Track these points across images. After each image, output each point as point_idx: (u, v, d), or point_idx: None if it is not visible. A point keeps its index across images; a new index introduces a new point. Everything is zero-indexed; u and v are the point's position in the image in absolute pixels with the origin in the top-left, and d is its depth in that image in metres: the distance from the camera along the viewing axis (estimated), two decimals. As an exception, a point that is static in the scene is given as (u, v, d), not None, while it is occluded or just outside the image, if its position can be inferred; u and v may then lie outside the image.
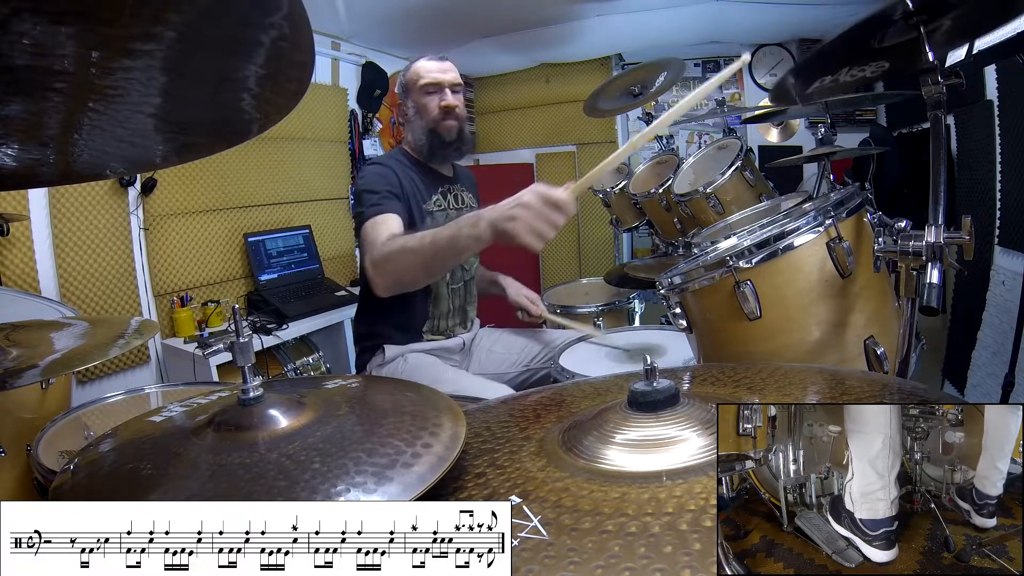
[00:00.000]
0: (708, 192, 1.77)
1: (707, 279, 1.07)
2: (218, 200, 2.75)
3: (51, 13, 0.40)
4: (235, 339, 0.65)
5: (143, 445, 0.64)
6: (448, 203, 1.71)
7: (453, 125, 1.64)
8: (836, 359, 1.04)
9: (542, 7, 3.20)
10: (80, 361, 1.03)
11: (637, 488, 0.50)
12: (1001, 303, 2.04)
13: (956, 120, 2.39)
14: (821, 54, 0.99)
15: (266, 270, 2.83)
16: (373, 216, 1.46)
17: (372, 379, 1.25)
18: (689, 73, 4.00)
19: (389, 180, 1.56)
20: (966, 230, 0.89)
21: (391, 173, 1.59)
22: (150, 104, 0.55)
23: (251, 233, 2.82)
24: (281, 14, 0.48)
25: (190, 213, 2.64)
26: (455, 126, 1.64)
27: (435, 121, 1.63)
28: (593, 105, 2.51)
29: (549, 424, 0.69)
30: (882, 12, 0.88)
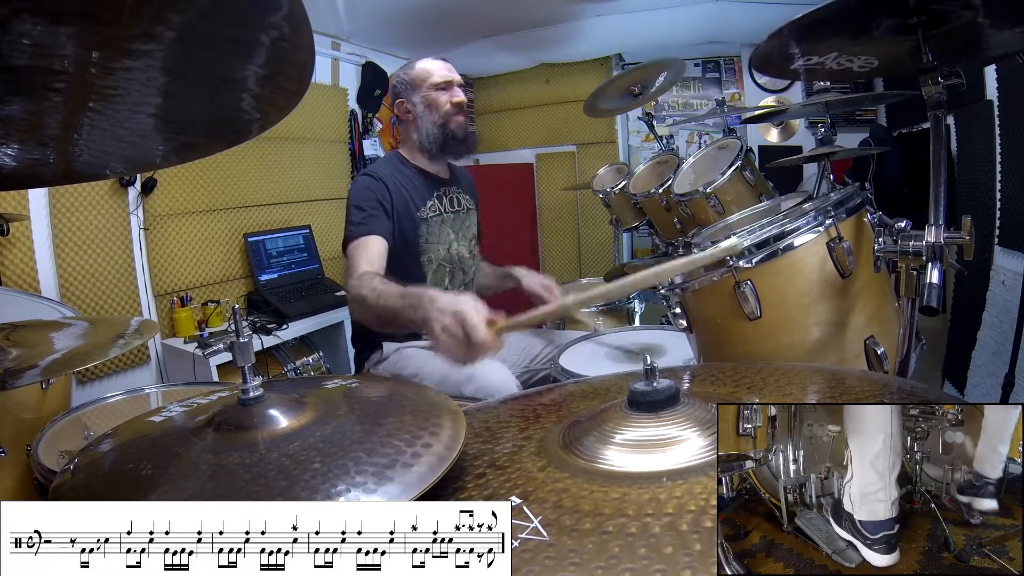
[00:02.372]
0: (708, 192, 1.77)
1: (707, 279, 1.07)
2: (218, 200, 2.75)
3: (51, 13, 0.40)
4: (235, 339, 0.65)
5: (143, 445, 0.64)
6: (444, 207, 1.71)
7: (463, 121, 1.69)
8: (836, 359, 1.04)
9: (542, 7, 3.20)
10: (80, 361, 1.03)
11: (637, 489, 0.50)
12: (1001, 303, 2.04)
13: (956, 120, 2.39)
14: (813, 21, 0.94)
15: (266, 270, 2.83)
16: (355, 238, 1.50)
17: (372, 379, 1.25)
18: (689, 73, 4.01)
19: (378, 194, 1.58)
20: (966, 230, 0.89)
21: (381, 186, 1.59)
22: (150, 104, 0.55)
23: (251, 233, 2.82)
24: (281, 14, 0.48)
25: (190, 213, 2.64)
26: (464, 122, 1.69)
27: (447, 115, 1.67)
28: (593, 105, 2.51)
29: (549, 424, 0.69)
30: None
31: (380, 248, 1.50)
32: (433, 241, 1.67)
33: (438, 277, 1.70)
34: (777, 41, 1.02)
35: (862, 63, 1.08)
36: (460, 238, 1.74)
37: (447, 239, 1.70)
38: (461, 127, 1.68)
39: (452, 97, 1.68)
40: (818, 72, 1.13)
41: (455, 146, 1.70)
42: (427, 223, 1.65)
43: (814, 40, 1.03)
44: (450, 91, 1.68)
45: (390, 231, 1.55)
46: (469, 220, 1.79)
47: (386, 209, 1.56)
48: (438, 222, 1.68)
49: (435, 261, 1.68)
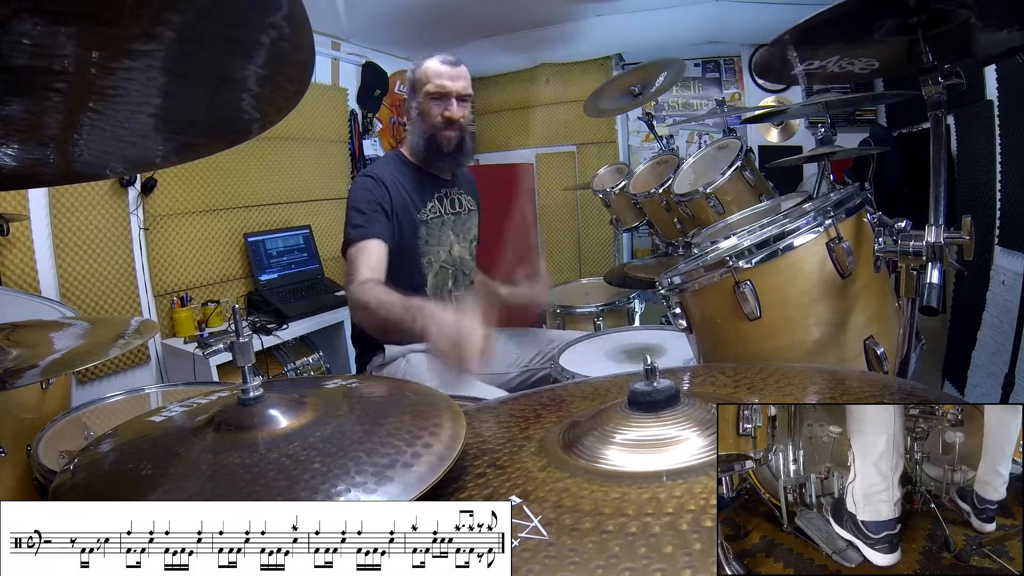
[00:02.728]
0: (708, 192, 1.77)
1: (707, 279, 1.07)
2: (218, 200, 2.75)
3: (51, 13, 0.40)
4: (235, 339, 0.65)
5: (143, 445, 0.64)
6: (444, 208, 1.69)
7: (453, 136, 1.61)
8: (836, 359, 1.04)
9: (542, 7, 3.20)
10: (80, 361, 1.03)
11: (637, 488, 0.50)
12: (1001, 303, 2.04)
13: (956, 120, 2.39)
14: (813, 25, 0.95)
15: (266, 270, 2.83)
16: (355, 242, 1.49)
17: (372, 379, 1.25)
18: (689, 73, 4.01)
19: (378, 196, 1.56)
20: (966, 230, 0.89)
21: (381, 188, 1.57)
22: (150, 104, 0.55)
23: (251, 233, 2.82)
24: (281, 14, 0.48)
25: (190, 213, 2.64)
26: (455, 136, 1.61)
27: (435, 128, 1.60)
28: (593, 105, 2.51)
29: (549, 424, 0.69)
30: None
31: (380, 252, 1.49)
32: (433, 243, 1.66)
33: (440, 280, 1.69)
34: (778, 47, 1.03)
35: (863, 65, 1.08)
36: (461, 240, 1.73)
37: (447, 241, 1.69)
38: (449, 141, 1.60)
39: (444, 111, 1.58)
40: (820, 76, 1.13)
41: (442, 160, 1.64)
42: (427, 225, 1.64)
43: (815, 44, 1.03)
44: (444, 103, 1.58)
45: (390, 234, 1.54)
46: (470, 222, 1.78)
47: (386, 211, 1.55)
48: (438, 224, 1.66)
49: (436, 264, 1.67)
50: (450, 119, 1.59)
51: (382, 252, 1.50)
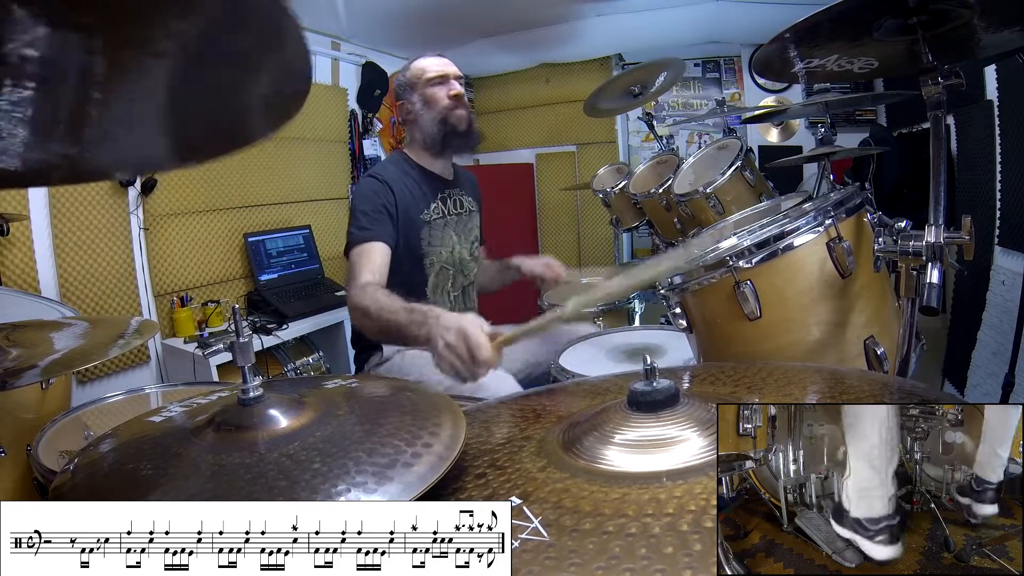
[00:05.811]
0: (708, 192, 1.77)
1: (707, 279, 1.07)
2: (218, 200, 2.75)
3: (51, 15, 0.40)
4: (235, 339, 0.65)
5: (143, 445, 0.64)
6: (447, 209, 1.70)
7: (464, 114, 1.65)
8: (836, 359, 1.04)
9: (542, 7, 3.20)
10: (80, 361, 1.03)
11: (637, 489, 0.50)
12: (1001, 303, 2.04)
13: (956, 120, 2.39)
14: (814, 24, 0.95)
15: (266, 270, 2.83)
16: (358, 244, 1.49)
17: (372, 379, 1.25)
18: (689, 73, 4.01)
19: (383, 198, 1.56)
20: (966, 230, 0.89)
21: (385, 189, 1.58)
22: (154, 108, 0.55)
23: (251, 233, 2.82)
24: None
25: (190, 213, 2.64)
26: (465, 115, 1.65)
27: (446, 110, 1.63)
28: (593, 105, 2.51)
29: (549, 424, 0.69)
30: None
31: (383, 256, 1.49)
32: (436, 244, 1.66)
33: (440, 280, 1.69)
34: (778, 45, 1.03)
35: (862, 64, 1.08)
36: (462, 241, 1.73)
37: (450, 242, 1.69)
38: (462, 120, 1.64)
39: (449, 90, 1.63)
40: (819, 74, 1.13)
41: (458, 140, 1.66)
42: (430, 226, 1.64)
43: (815, 43, 1.03)
44: (446, 84, 1.64)
45: (393, 236, 1.54)
46: (472, 222, 1.78)
47: (390, 213, 1.55)
48: (441, 225, 1.67)
49: (437, 264, 1.67)
50: (457, 95, 1.64)
51: (385, 255, 1.50)
